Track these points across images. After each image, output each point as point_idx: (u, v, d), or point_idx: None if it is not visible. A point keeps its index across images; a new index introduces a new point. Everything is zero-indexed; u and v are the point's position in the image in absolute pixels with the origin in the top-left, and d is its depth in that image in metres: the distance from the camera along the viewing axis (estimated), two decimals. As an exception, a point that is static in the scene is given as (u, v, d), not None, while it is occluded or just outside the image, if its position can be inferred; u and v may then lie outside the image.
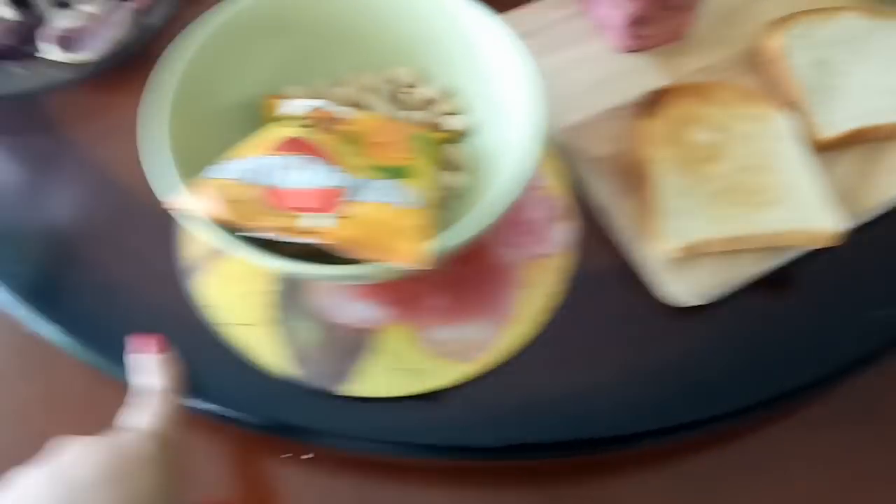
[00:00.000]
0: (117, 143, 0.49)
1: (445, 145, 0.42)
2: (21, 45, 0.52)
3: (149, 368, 0.37)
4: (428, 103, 0.44)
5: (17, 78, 0.51)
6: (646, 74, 0.49)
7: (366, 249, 0.32)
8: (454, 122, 0.43)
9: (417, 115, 0.44)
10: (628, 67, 0.50)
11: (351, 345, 0.41)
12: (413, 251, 0.32)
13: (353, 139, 0.37)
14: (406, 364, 0.40)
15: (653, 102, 0.45)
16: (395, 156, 0.38)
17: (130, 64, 0.51)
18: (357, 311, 0.42)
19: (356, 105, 0.43)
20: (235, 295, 0.42)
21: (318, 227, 0.33)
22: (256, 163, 0.35)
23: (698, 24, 0.50)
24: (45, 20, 0.53)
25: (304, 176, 0.34)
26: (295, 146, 0.35)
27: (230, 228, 0.34)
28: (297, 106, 0.39)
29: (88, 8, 0.52)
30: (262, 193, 0.34)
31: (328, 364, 0.40)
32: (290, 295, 0.42)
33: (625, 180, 0.44)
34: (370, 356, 0.40)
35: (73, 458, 0.30)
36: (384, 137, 0.38)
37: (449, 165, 0.42)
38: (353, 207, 0.33)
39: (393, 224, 0.33)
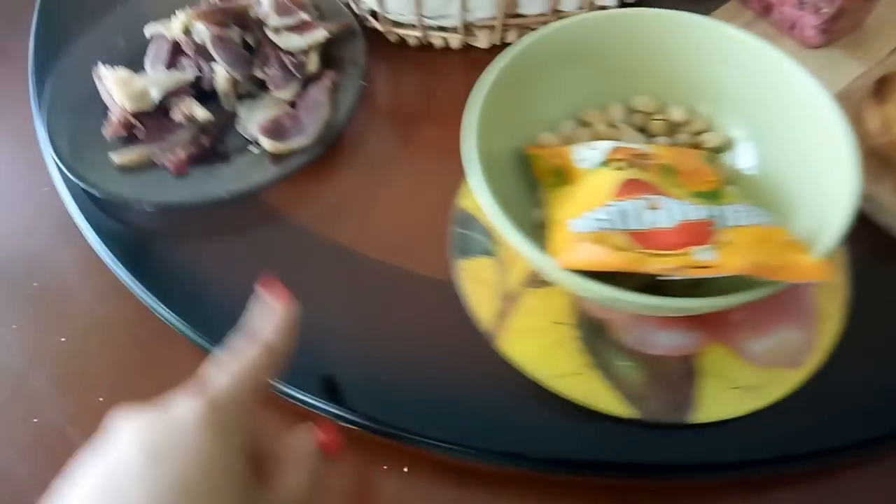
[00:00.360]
0: (347, 219, 0.49)
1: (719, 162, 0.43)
2: (216, 143, 0.52)
3: (264, 316, 0.34)
4: (675, 127, 0.45)
5: (229, 176, 0.50)
6: (843, 65, 0.51)
7: (764, 272, 0.33)
8: (712, 140, 0.44)
9: (663, 140, 0.45)
10: (824, 61, 0.51)
11: (678, 374, 0.41)
12: (812, 266, 0.33)
13: (668, 171, 0.38)
14: (741, 381, 0.40)
15: (878, 89, 0.47)
16: (704, 180, 0.39)
17: (332, 142, 0.51)
18: (667, 341, 0.42)
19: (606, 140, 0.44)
20: (541, 349, 0.42)
21: (706, 260, 0.33)
22: (610, 210, 0.35)
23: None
24: (237, 115, 0.53)
25: (661, 214, 0.35)
26: (634, 188, 0.36)
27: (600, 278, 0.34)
28: (598, 148, 0.39)
29: (281, 94, 0.52)
30: (629, 238, 0.34)
31: (663, 397, 0.40)
32: (594, 339, 0.42)
33: (875, 165, 0.46)
34: (703, 381, 0.40)
35: (118, 433, 0.28)
36: (687, 165, 0.39)
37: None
38: (728, 235, 0.34)
39: (777, 243, 0.34)
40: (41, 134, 0.53)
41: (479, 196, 0.37)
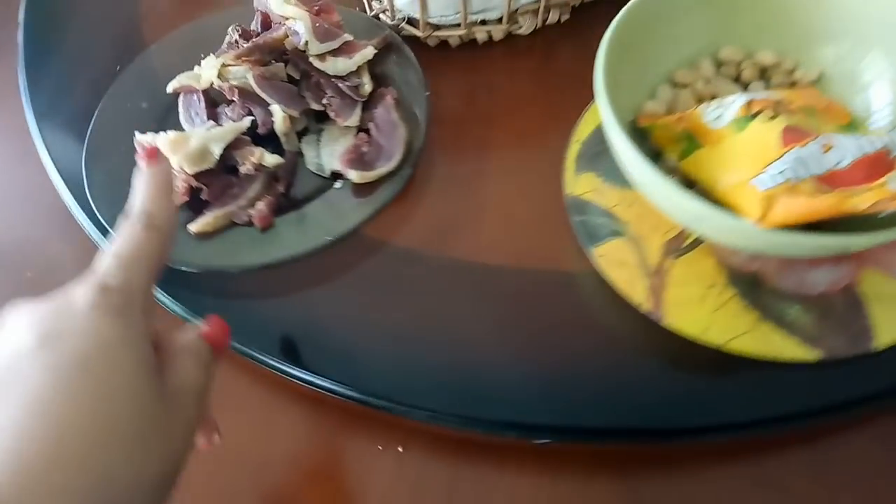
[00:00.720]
0: (453, 233, 0.47)
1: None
2: (289, 188, 0.49)
3: (139, 187, 0.32)
4: (765, 71, 0.46)
5: (321, 219, 0.47)
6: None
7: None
8: (807, 75, 0.45)
9: (758, 85, 0.45)
10: None
11: (845, 307, 0.41)
12: None
13: (810, 112, 0.38)
14: (904, 300, 0.41)
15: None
16: (841, 114, 0.39)
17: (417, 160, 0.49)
18: (824, 278, 0.42)
19: (706, 99, 0.44)
20: (705, 316, 0.41)
21: (901, 188, 0.33)
22: (786, 160, 0.35)
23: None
24: (301, 154, 0.50)
25: (836, 153, 0.35)
26: (796, 134, 0.36)
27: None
28: (728, 105, 0.39)
29: (348, 122, 0.49)
30: (817, 183, 0.34)
31: (840, 331, 0.40)
32: (753, 293, 0.42)
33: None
34: (871, 307, 0.41)
35: (12, 325, 0.27)
36: (820, 103, 0.39)
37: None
38: (908, 159, 0.34)
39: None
40: (53, 175, 0.52)
41: (638, 171, 0.36)
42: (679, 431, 0.40)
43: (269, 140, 0.50)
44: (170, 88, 0.52)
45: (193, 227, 0.46)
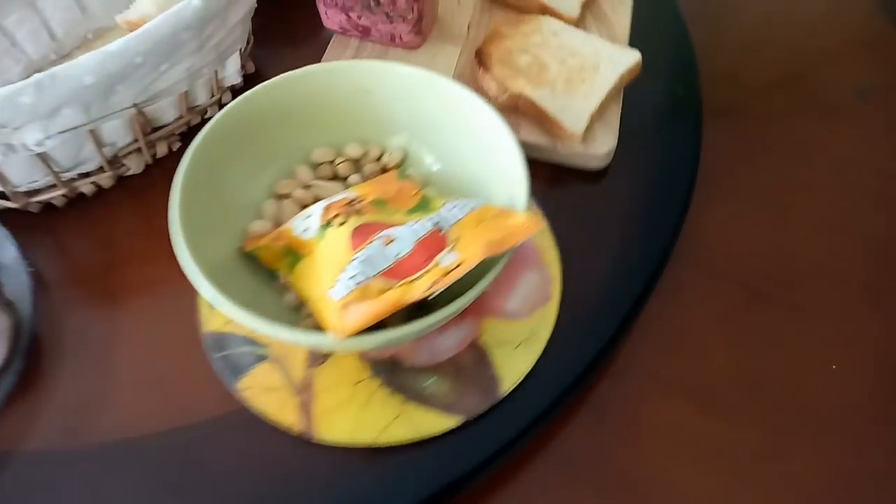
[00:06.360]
0: (95, 418, 0.44)
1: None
2: None
3: None
4: (358, 163, 0.49)
5: None
6: (444, 53, 0.59)
7: (498, 247, 0.36)
8: (393, 158, 0.48)
9: (356, 178, 0.48)
10: (430, 56, 0.59)
11: (473, 362, 0.44)
12: (525, 221, 0.38)
13: (380, 204, 0.41)
14: (519, 338, 0.45)
15: (480, 60, 0.55)
16: (409, 196, 0.43)
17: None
18: (451, 341, 0.45)
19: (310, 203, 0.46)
20: (357, 414, 0.42)
21: (452, 263, 0.36)
22: (356, 264, 0.37)
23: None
24: None
25: (398, 244, 0.37)
26: (364, 233, 0.38)
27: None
28: (312, 214, 0.41)
29: None
30: (384, 279, 0.36)
31: (472, 389, 0.43)
32: (395, 377, 0.44)
33: (509, 119, 0.54)
34: (492, 356, 0.45)
35: None
36: (390, 190, 0.43)
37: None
38: (455, 231, 0.38)
39: (493, 217, 0.38)
40: None
41: (222, 308, 0.36)
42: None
43: None
44: None
45: None
